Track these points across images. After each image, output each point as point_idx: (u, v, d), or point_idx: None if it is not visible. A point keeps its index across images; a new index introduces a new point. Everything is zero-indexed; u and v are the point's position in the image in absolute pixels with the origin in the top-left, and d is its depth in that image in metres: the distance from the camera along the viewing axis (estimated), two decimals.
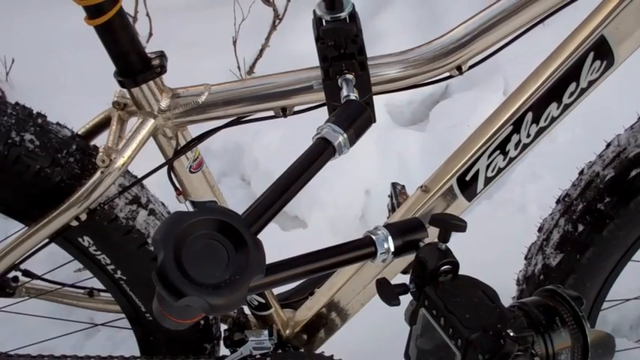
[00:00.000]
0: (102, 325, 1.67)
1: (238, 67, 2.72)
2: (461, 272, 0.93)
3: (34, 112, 1.21)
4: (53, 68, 2.82)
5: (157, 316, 0.78)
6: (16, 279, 1.49)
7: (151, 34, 2.79)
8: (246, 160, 2.53)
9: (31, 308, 1.65)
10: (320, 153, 0.91)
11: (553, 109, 1.12)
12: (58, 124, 1.23)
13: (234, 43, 2.70)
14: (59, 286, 1.51)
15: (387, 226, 0.94)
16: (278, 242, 2.20)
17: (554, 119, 1.14)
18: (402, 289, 0.94)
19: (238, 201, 2.32)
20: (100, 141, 1.19)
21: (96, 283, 1.40)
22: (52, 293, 1.52)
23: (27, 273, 1.49)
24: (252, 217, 0.81)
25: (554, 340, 0.91)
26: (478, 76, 2.67)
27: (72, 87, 2.72)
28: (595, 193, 1.23)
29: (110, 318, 1.57)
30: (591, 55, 1.08)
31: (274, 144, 2.45)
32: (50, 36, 2.92)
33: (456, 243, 0.98)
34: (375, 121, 1.05)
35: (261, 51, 2.76)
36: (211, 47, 2.82)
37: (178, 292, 0.70)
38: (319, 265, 0.88)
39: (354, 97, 1.01)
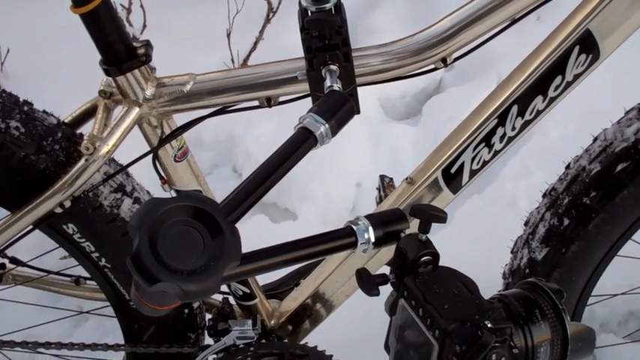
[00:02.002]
0: (87, 312, 1.67)
1: (232, 60, 2.72)
2: (450, 265, 0.93)
3: (21, 99, 1.21)
4: (48, 59, 2.83)
5: (135, 302, 0.78)
6: (2, 266, 1.48)
7: (144, 26, 2.78)
8: (238, 151, 2.53)
9: (19, 295, 1.65)
10: (301, 143, 0.90)
11: (539, 102, 1.12)
12: (44, 111, 1.23)
13: (229, 35, 2.69)
14: (45, 274, 1.51)
15: (368, 216, 0.94)
16: (268, 234, 2.20)
17: (539, 112, 1.13)
18: (382, 279, 0.93)
19: (229, 192, 2.31)
20: (87, 129, 1.19)
21: (83, 272, 1.40)
22: (38, 281, 1.52)
23: (14, 260, 1.49)
24: (230, 206, 0.81)
25: (533, 332, 0.90)
26: (472, 71, 2.67)
27: (66, 77, 2.72)
28: (581, 187, 1.24)
29: (97, 306, 1.57)
30: (577, 48, 1.08)
31: (266, 135, 2.45)
32: (45, 27, 2.92)
33: (445, 236, 0.98)
34: (358, 112, 1.05)
35: (255, 44, 2.75)
36: (205, 40, 2.82)
37: (152, 277, 0.70)
38: (298, 254, 0.88)
39: (337, 88, 1.01)
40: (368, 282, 0.93)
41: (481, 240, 2.08)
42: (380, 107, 2.64)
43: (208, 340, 1.40)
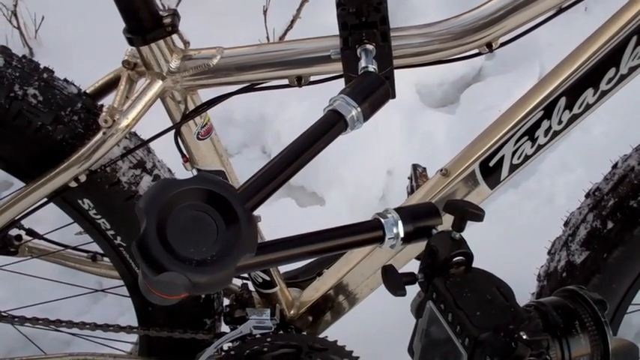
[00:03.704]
0: (102, 291, 1.63)
1: (267, 38, 2.66)
2: (478, 264, 0.86)
3: (41, 66, 1.16)
4: (83, 27, 2.79)
5: (143, 290, 0.72)
6: (19, 237, 1.45)
7: None
8: (268, 132, 2.48)
9: (36, 269, 1.62)
10: (330, 126, 0.84)
11: (589, 95, 1.05)
12: (65, 80, 1.18)
13: (265, 12, 2.63)
14: (62, 248, 1.47)
15: (398, 209, 0.87)
16: (293, 218, 2.15)
17: (589, 106, 1.07)
18: (410, 278, 0.87)
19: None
20: (109, 101, 1.14)
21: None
22: (54, 255, 1.48)
23: (30, 232, 1.45)
24: (248, 192, 0.74)
25: (571, 345, 0.84)
26: (513, 60, 2.60)
27: (99, 46, 2.67)
28: (628, 188, 1.17)
29: (116, 283, 1.53)
30: (634, 39, 1.01)
31: (298, 117, 2.40)
32: None
33: (476, 232, 0.91)
34: (394, 97, 0.98)
35: (292, 22, 2.69)
36: (242, 16, 2.76)
37: (159, 266, 0.64)
38: (318, 247, 0.81)
39: (372, 69, 0.95)
40: (394, 281, 0.86)
41: (515, 237, 2.01)
42: (416, 93, 2.58)
43: (224, 328, 1.36)
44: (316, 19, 2.65)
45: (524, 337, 0.77)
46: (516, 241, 1.96)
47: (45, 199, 1.15)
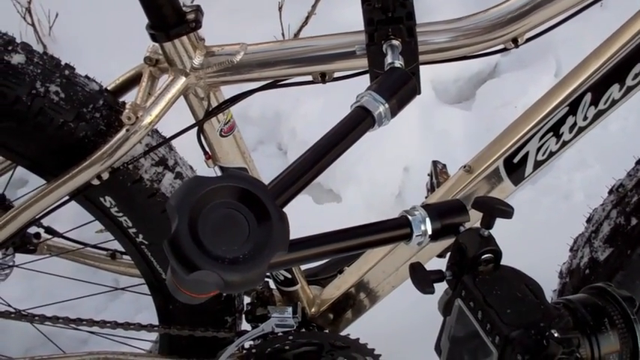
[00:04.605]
0: (122, 289, 1.62)
1: (282, 34, 2.65)
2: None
3: (62, 63, 1.16)
4: (97, 24, 2.79)
5: (171, 288, 0.71)
6: (38, 235, 1.44)
7: None
8: (284, 129, 2.47)
9: (54, 267, 1.62)
10: (358, 123, 0.83)
11: (615, 90, 1.04)
12: (86, 77, 1.18)
13: (280, 8, 2.62)
14: (81, 246, 1.46)
15: (425, 206, 0.87)
16: (310, 215, 2.14)
17: (614, 102, 1.06)
18: (438, 276, 0.86)
19: (273, 170, 2.26)
20: (130, 98, 1.14)
21: (120, 246, 1.35)
22: (73, 253, 1.48)
23: (49, 230, 1.45)
24: (278, 188, 0.74)
25: (601, 343, 0.83)
26: (529, 57, 2.59)
27: (114, 43, 2.67)
28: None
29: (134, 282, 1.53)
30: None
31: (314, 113, 2.39)
32: None
33: (495, 228, 0.91)
34: (420, 93, 0.97)
35: (307, 18, 2.68)
36: (256, 12, 2.75)
37: (191, 264, 0.64)
38: (348, 244, 0.81)
39: (399, 65, 0.94)
40: (422, 278, 0.86)
41: (533, 233, 2.00)
42: (432, 89, 2.57)
43: (245, 326, 1.35)
44: (331, 15, 2.65)
45: (556, 334, 0.77)
46: (535, 237, 1.95)
47: (67, 197, 1.15)
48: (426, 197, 1.29)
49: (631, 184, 1.19)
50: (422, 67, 1.04)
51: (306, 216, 2.09)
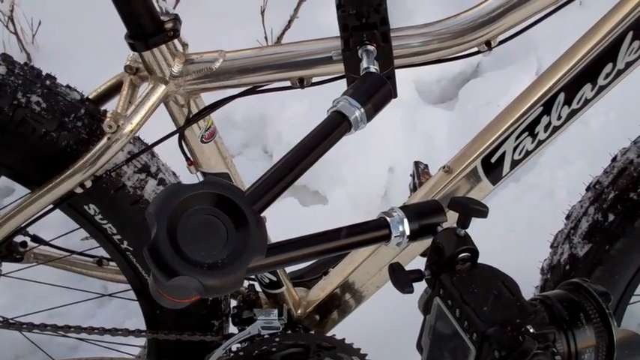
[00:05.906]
0: (109, 295, 1.63)
1: (265, 38, 2.66)
2: (483, 257, 0.87)
3: (43, 73, 1.17)
4: (79, 32, 2.79)
5: (154, 294, 0.72)
6: (24, 244, 1.45)
7: (177, 1, 2.73)
8: (269, 132, 2.48)
9: (41, 275, 1.62)
10: (334, 127, 0.85)
11: (587, 90, 1.06)
12: (67, 86, 1.19)
13: (263, 12, 2.63)
14: (68, 254, 1.47)
15: (403, 207, 0.88)
16: (297, 217, 2.15)
17: (587, 101, 1.07)
18: (416, 275, 0.88)
19: (259, 173, 2.27)
20: (112, 106, 1.15)
21: (106, 253, 1.36)
22: (60, 260, 1.49)
23: (35, 238, 1.45)
24: (256, 194, 0.75)
25: (577, 337, 0.84)
26: (510, 56, 2.61)
27: (97, 51, 2.67)
28: (628, 181, 1.18)
29: (121, 287, 1.54)
30: (630, 34, 1.02)
31: (298, 116, 2.40)
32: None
33: (479, 227, 0.92)
34: (395, 96, 0.99)
35: (290, 22, 2.69)
36: (239, 17, 2.76)
37: (171, 270, 0.65)
38: (327, 246, 0.82)
39: (374, 70, 0.96)
40: (401, 278, 0.87)
41: (517, 231, 2.02)
42: (415, 90, 2.59)
43: (232, 329, 1.36)
44: (313, 18, 2.66)
45: (531, 330, 0.78)
46: (519, 235, 1.97)
47: (51, 206, 1.16)
48: (409, 197, 1.30)
49: (607, 181, 1.21)
50: (403, 69, 1.06)
51: (292, 219, 2.11)
